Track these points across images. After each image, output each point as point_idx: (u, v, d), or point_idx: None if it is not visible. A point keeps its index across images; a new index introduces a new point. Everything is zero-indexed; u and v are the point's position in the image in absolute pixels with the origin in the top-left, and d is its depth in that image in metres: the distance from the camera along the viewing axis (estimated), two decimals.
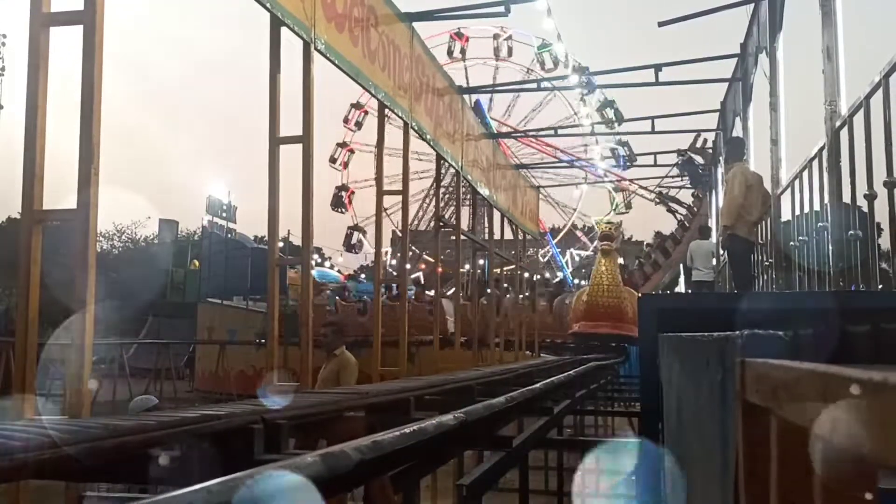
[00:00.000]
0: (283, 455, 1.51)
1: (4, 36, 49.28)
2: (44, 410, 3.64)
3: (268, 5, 5.14)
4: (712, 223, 15.35)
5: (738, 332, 1.06)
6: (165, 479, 1.36)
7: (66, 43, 3.84)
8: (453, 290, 19.32)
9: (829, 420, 0.56)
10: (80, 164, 3.43)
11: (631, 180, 29.51)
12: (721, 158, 13.60)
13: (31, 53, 3.60)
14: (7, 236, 35.33)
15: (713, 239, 13.76)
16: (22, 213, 3.56)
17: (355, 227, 38.53)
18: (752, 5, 9.56)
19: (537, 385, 4.33)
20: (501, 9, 8.72)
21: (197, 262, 26.78)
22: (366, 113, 37.26)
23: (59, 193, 3.72)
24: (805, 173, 6.67)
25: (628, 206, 35.54)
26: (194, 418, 1.49)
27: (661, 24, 9.89)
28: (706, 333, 1.43)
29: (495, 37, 35.15)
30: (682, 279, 29.56)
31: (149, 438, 1.41)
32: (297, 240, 11.65)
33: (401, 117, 7.69)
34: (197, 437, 1.42)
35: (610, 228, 14.42)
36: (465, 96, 11.31)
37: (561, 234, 40.47)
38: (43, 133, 3.53)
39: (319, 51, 5.73)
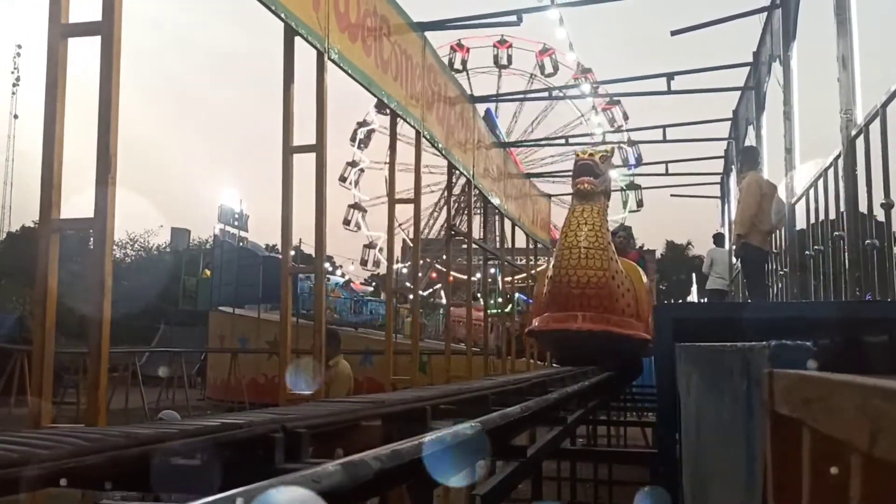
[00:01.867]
0: (303, 464, 1.50)
1: (20, 46, 49.85)
2: (59, 418, 3.65)
3: (282, 15, 5.17)
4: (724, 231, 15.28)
5: (764, 343, 1.05)
6: (187, 487, 1.36)
7: (82, 52, 3.87)
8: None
9: (869, 432, 0.55)
10: (97, 172, 3.45)
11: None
12: (734, 167, 13.56)
13: (49, 64, 3.63)
14: (21, 245, 35.59)
15: (727, 247, 13.69)
16: (40, 221, 3.57)
17: (370, 245, 38.76)
18: (766, 14, 9.54)
19: (552, 395, 4.32)
20: (513, 18, 8.74)
21: (209, 271, 26.85)
22: (372, 130, 37.53)
23: (69, 202, 3.73)
24: (820, 182, 6.64)
25: (640, 203, 35.28)
26: (215, 427, 1.50)
27: (673, 33, 9.89)
28: (729, 343, 1.42)
29: (495, 45, 35.24)
30: (694, 288, 29.42)
31: (170, 447, 1.41)
32: (308, 248, 11.69)
33: (413, 126, 7.71)
34: (218, 445, 1.43)
35: (592, 157, 8.11)
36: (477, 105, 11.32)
37: None
38: (61, 142, 3.55)
39: (333, 60, 5.76)
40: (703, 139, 16.40)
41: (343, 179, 38.37)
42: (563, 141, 27.76)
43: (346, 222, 38.63)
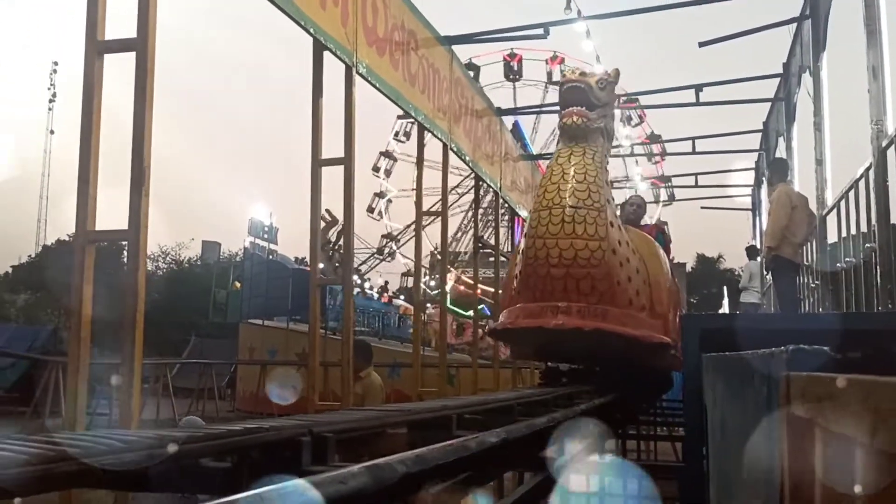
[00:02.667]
0: (330, 466, 1.54)
1: (56, 63, 51.02)
2: (92, 428, 3.71)
3: (311, 30, 5.26)
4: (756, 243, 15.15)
5: (783, 348, 1.07)
6: (215, 488, 1.40)
7: (115, 67, 3.96)
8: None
9: (871, 425, 0.57)
10: (131, 185, 3.53)
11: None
12: (764, 179, 13.44)
13: (85, 80, 3.73)
14: (56, 257, 36.23)
15: (758, 260, 13.58)
16: (76, 232, 3.66)
17: (388, 236, 38.92)
18: (795, 25, 9.48)
19: (579, 406, 4.31)
20: (540, 31, 8.79)
21: (239, 284, 27.16)
22: (394, 161, 37.85)
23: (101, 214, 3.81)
24: (851, 193, 6.57)
25: (671, 197, 34.79)
26: (243, 430, 1.53)
27: (701, 45, 9.86)
28: (751, 351, 1.43)
29: (505, 59, 35.17)
30: (725, 301, 29.11)
31: (201, 448, 1.45)
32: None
33: (440, 139, 7.76)
34: (246, 448, 1.46)
35: (585, 78, 5.66)
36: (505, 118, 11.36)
37: None
38: (97, 156, 3.64)
39: (361, 74, 5.83)
40: (734, 151, 16.30)
41: (376, 170, 38.66)
42: None
43: (380, 251, 39.03)
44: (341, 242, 5.77)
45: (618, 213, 6.03)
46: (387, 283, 32.84)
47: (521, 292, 5.71)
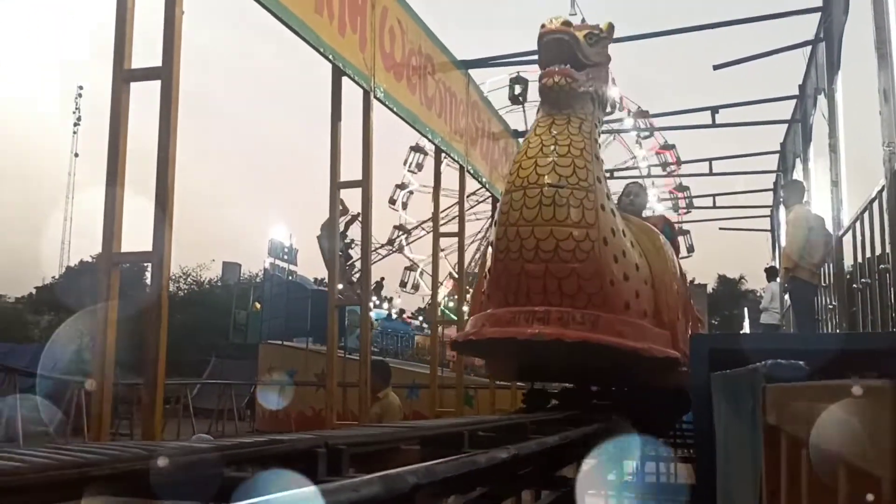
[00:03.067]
0: (344, 476, 1.62)
1: (81, 88, 51.97)
2: None
3: (330, 57, 5.41)
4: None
5: (763, 363, 1.14)
6: (234, 495, 1.49)
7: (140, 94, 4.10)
8: None
9: (807, 423, 0.64)
10: (155, 207, 3.66)
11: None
12: (781, 200, 13.43)
13: (112, 106, 3.88)
14: (79, 278, 36.66)
15: (778, 280, 13.54)
16: (101, 253, 3.78)
17: (411, 268, 38.98)
18: (810, 47, 9.53)
19: (594, 425, 4.32)
20: None
21: (259, 304, 27.34)
22: (425, 155, 37.86)
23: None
24: (866, 215, 6.59)
25: (690, 205, 34.41)
26: (262, 442, 1.62)
27: (715, 68, 9.92)
28: (742, 367, 1.50)
29: (511, 81, 35.01)
30: (746, 322, 28.89)
31: (222, 457, 1.54)
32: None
33: (457, 161, 7.88)
34: (265, 458, 1.55)
35: (569, 29, 4.49)
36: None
37: None
38: (123, 180, 3.77)
39: (378, 99, 5.97)
40: (751, 172, 16.30)
41: (392, 202, 38.79)
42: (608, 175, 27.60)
43: (391, 242, 38.94)
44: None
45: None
46: (402, 311, 32.78)
47: (491, 295, 4.70)
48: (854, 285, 7.21)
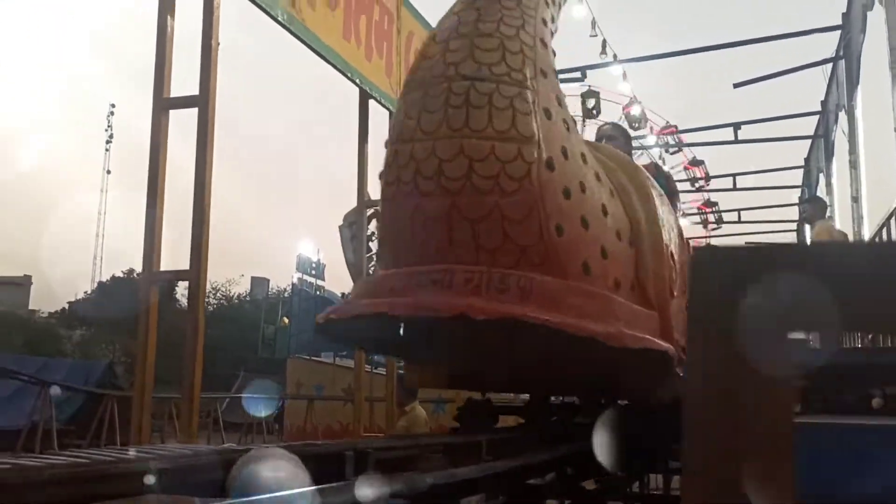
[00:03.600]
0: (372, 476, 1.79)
1: (113, 106, 53.02)
2: None
3: (357, 81, 5.64)
4: None
5: None
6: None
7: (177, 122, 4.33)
8: None
9: None
10: (192, 229, 3.87)
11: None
12: (803, 217, 13.44)
13: (153, 132, 4.10)
14: (111, 293, 37.30)
15: None
16: (142, 273, 4.00)
17: None
18: (831, 64, 9.60)
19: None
20: (577, 74, 9.07)
21: (287, 319, 27.60)
22: None
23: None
24: (884, 231, 6.65)
25: (719, 220, 33.89)
26: (297, 446, 1.80)
27: (736, 86, 10.01)
28: None
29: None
30: None
31: (255, 461, 1.72)
32: None
33: None
34: (304, 458, 1.72)
35: None
36: None
37: None
38: (162, 202, 3.98)
39: None
40: (775, 187, 16.30)
41: None
42: None
43: None
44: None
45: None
46: None
47: (380, 252, 3.52)
48: None
